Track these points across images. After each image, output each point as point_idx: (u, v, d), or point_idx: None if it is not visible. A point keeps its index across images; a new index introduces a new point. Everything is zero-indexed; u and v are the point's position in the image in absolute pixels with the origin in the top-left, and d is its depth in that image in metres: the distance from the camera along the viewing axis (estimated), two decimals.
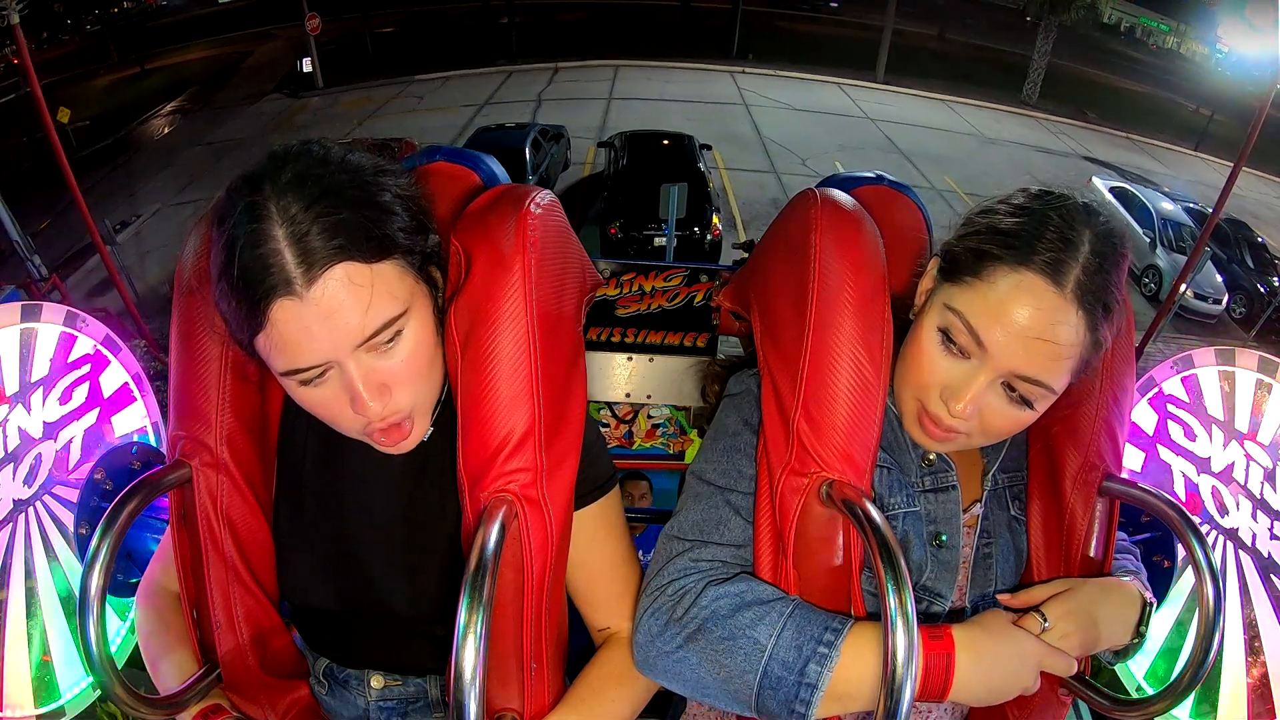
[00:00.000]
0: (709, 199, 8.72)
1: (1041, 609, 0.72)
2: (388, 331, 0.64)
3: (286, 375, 0.64)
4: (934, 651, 0.64)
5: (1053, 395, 0.69)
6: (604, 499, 0.80)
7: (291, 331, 0.60)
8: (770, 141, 13.33)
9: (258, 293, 0.59)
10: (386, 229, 0.63)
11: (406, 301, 0.65)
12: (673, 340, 1.24)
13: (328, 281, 0.60)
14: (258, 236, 0.59)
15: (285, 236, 0.59)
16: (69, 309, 1.31)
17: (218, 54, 20.13)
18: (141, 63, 19.49)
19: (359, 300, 0.61)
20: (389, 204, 0.64)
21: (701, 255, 8.50)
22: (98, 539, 0.66)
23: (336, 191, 0.61)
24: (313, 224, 0.59)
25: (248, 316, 0.61)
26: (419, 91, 15.73)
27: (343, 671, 0.84)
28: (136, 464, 1.20)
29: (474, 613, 0.57)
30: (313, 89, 15.85)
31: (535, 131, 10.37)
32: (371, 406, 0.64)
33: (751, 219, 10.31)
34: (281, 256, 0.59)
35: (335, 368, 0.63)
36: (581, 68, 17.23)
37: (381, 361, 0.65)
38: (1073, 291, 0.65)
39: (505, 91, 15.48)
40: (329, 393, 0.65)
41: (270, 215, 0.59)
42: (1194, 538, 0.73)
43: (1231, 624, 1.21)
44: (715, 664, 0.68)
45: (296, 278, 0.59)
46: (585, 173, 11.39)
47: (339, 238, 0.60)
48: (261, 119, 14.40)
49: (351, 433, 0.69)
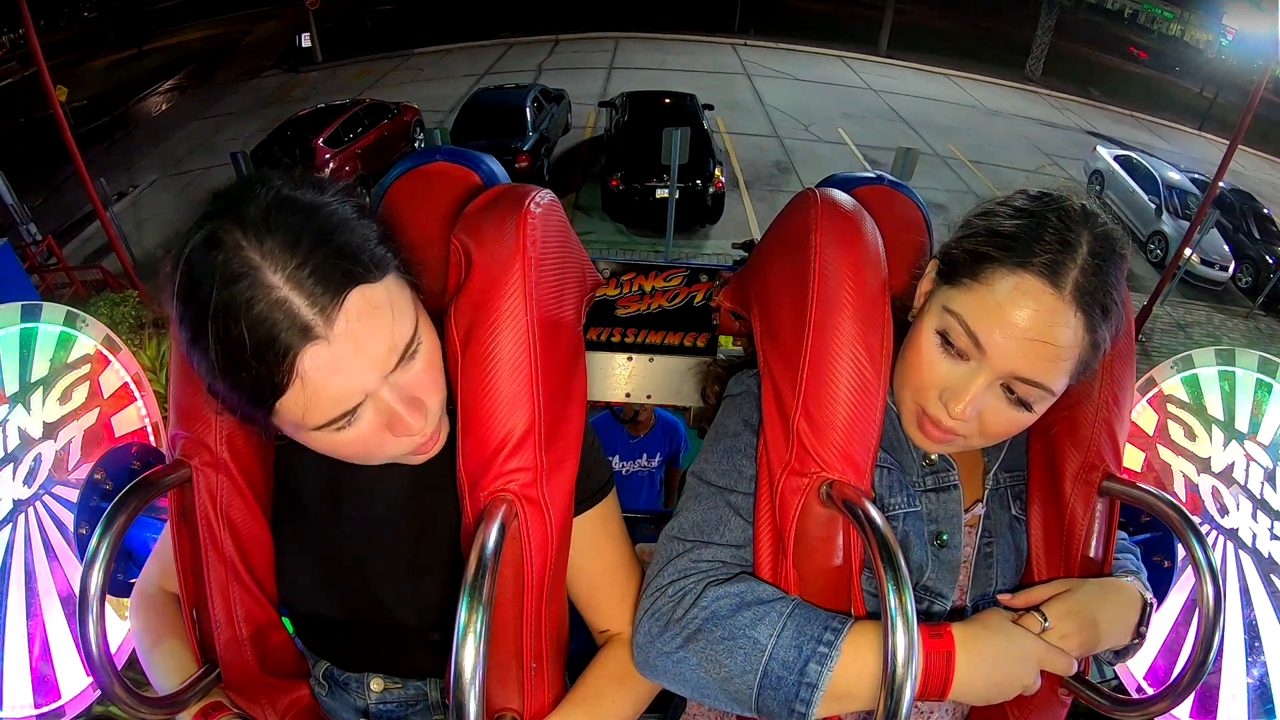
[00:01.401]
0: (711, 152, 8.65)
1: (1042, 609, 0.72)
2: (413, 345, 0.62)
3: (322, 428, 0.59)
4: (934, 650, 0.64)
5: (1051, 397, 0.69)
6: (601, 504, 0.80)
7: (324, 379, 0.56)
8: (773, 109, 13.33)
9: (275, 352, 0.53)
10: (373, 243, 0.59)
11: (415, 310, 0.64)
12: (673, 340, 1.24)
13: (348, 313, 0.55)
14: (252, 295, 0.52)
15: (285, 282, 0.53)
16: (69, 309, 1.31)
17: (216, 34, 20.11)
18: (140, 44, 19.45)
19: (383, 322, 0.58)
20: (363, 219, 0.60)
21: (704, 208, 8.44)
22: (97, 539, 0.65)
23: (313, 219, 0.56)
24: (308, 259, 0.53)
25: (265, 385, 0.55)
26: (418, 64, 15.69)
27: (342, 674, 0.84)
28: (136, 464, 1.20)
29: (474, 612, 0.57)
30: (311, 64, 15.76)
31: (536, 90, 10.31)
32: (414, 424, 0.62)
33: (754, 179, 10.34)
34: (290, 305, 0.53)
35: (367, 400, 0.60)
36: (582, 39, 17.22)
37: (408, 376, 0.63)
38: (1071, 293, 0.65)
39: (505, 63, 15.44)
40: (363, 429, 0.61)
41: (256, 266, 0.52)
42: (1194, 538, 0.73)
43: (1231, 624, 1.21)
44: (715, 664, 0.68)
45: (315, 321, 0.54)
46: (586, 136, 11.46)
47: (341, 264, 0.55)
48: (260, 93, 14.38)
49: (388, 460, 0.67)
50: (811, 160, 11.09)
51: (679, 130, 6.48)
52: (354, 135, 9.57)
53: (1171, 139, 16.06)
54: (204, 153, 11.24)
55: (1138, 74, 22.01)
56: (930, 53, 18.06)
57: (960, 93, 16.40)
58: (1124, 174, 10.56)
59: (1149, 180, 10.16)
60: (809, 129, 12.48)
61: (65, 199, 9.59)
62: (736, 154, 11.10)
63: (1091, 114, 16.75)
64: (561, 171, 10.23)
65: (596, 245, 8.33)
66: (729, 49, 17.50)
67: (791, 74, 15.85)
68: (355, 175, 9.20)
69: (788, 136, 12.08)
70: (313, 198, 0.58)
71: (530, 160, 8.96)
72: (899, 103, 14.64)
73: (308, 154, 8.81)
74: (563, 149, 10.90)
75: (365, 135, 9.72)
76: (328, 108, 10.23)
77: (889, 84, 15.92)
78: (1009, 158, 12.31)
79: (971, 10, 23.83)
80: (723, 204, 8.71)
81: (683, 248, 8.38)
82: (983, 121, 14.48)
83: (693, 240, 8.68)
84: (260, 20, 20.94)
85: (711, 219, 8.71)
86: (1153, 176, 10.15)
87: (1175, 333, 8.42)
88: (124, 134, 12.95)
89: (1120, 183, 10.55)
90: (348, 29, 17.46)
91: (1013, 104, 16.19)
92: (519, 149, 8.86)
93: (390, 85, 14.09)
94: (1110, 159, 10.97)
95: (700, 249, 8.58)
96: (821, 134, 12.29)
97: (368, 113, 10.10)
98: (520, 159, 8.81)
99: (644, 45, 17.01)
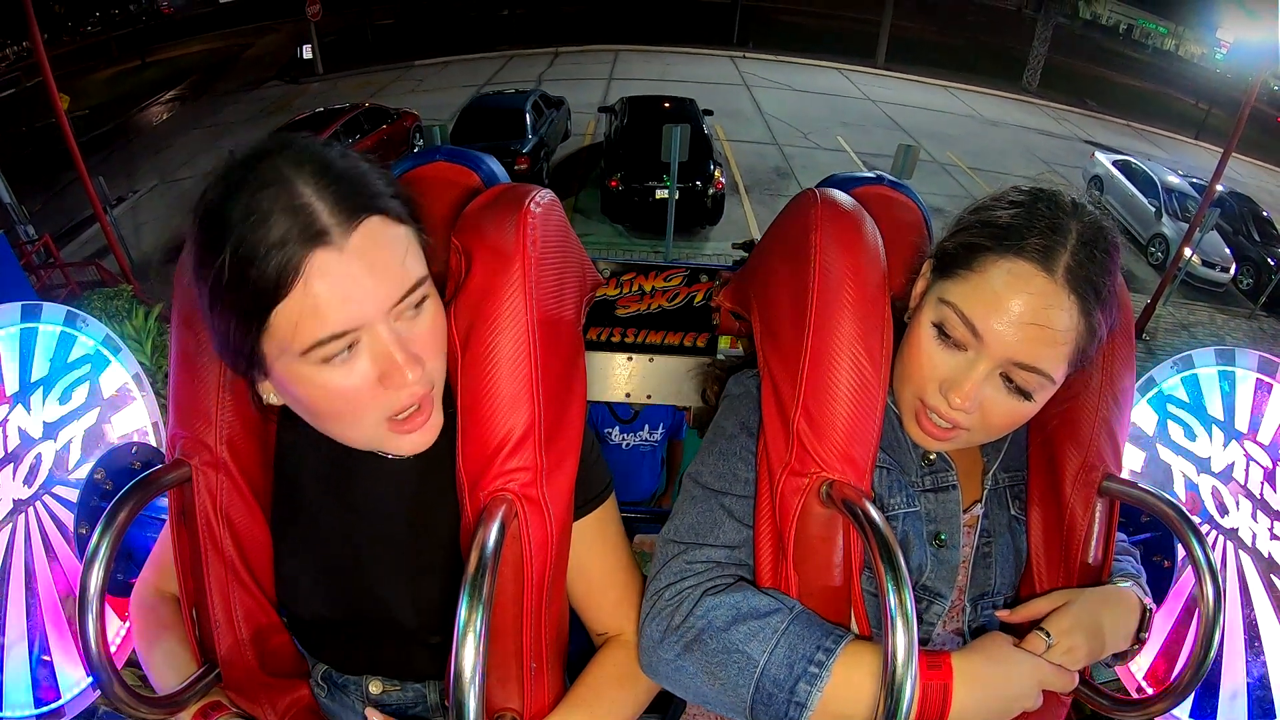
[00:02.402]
0: (711, 153, 8.63)
1: (1044, 626, 0.72)
2: (418, 292, 0.62)
3: (314, 348, 0.58)
4: (931, 681, 0.64)
5: (1051, 385, 0.70)
6: (600, 509, 0.80)
7: (329, 287, 0.56)
8: (771, 118, 13.38)
9: (286, 249, 0.54)
10: (397, 196, 0.62)
11: (425, 268, 0.64)
12: (673, 340, 1.24)
13: (363, 233, 0.57)
14: (279, 195, 0.55)
15: (312, 191, 0.56)
16: (69, 309, 1.31)
17: (218, 47, 20.23)
18: (143, 56, 19.58)
19: (396, 252, 0.60)
20: (391, 183, 0.63)
21: (704, 210, 8.41)
22: (97, 538, 0.65)
23: (347, 158, 0.60)
24: (337, 180, 0.57)
25: (269, 286, 0.55)
26: (418, 75, 15.77)
27: (341, 676, 0.84)
28: (136, 464, 1.20)
29: (474, 612, 0.57)
30: (312, 75, 15.82)
31: (536, 95, 10.31)
32: (410, 376, 0.61)
33: (754, 184, 10.34)
34: (311, 209, 0.55)
35: (364, 338, 0.60)
36: (582, 52, 17.30)
37: (410, 330, 0.63)
38: (1063, 276, 0.66)
39: (505, 74, 15.49)
40: (355, 371, 0.60)
41: (288, 176, 0.56)
42: (1194, 538, 0.73)
43: (1231, 624, 1.21)
44: (711, 675, 0.69)
45: (331, 227, 0.56)
46: (586, 142, 11.52)
47: (366, 190, 0.58)
48: (260, 103, 14.41)
49: (370, 428, 0.65)
50: (811, 166, 11.10)
51: (679, 126, 6.44)
52: (351, 139, 9.53)
53: (1168, 148, 16.10)
54: (203, 161, 11.25)
55: (1133, 86, 22.10)
56: (927, 65, 18.14)
57: (958, 103, 16.45)
58: (1123, 178, 10.54)
59: (1148, 184, 10.14)
60: (808, 136, 12.52)
61: (66, 203, 9.62)
62: (736, 160, 11.12)
63: (1088, 124, 16.80)
64: (561, 176, 10.26)
65: (596, 247, 8.30)
66: (727, 61, 17.56)
67: (789, 84, 15.91)
68: None
69: (787, 144, 12.11)
70: (344, 150, 0.61)
71: (529, 163, 8.96)
72: (897, 112, 14.68)
73: None
74: (562, 155, 10.93)
75: (363, 139, 9.70)
76: (326, 111, 10.22)
77: (886, 94, 15.98)
78: (1008, 165, 12.32)
79: (967, 26, 23.99)
80: (723, 205, 8.68)
81: (683, 249, 8.36)
82: (981, 130, 14.53)
83: (693, 241, 8.67)
84: (263, 34, 21.06)
85: (711, 220, 8.69)
86: (1152, 180, 10.13)
87: (1179, 332, 8.41)
88: (124, 142, 13.00)
89: (1119, 187, 10.53)
90: (349, 43, 17.56)
91: (1010, 114, 16.23)
92: (519, 151, 8.87)
93: (390, 96, 14.16)
94: (1109, 164, 10.93)
95: (700, 250, 8.56)
96: (820, 141, 12.31)
97: (367, 117, 10.08)
98: (520, 161, 8.81)
99: (643, 57, 17.06)
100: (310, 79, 15.75)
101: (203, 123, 13.53)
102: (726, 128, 12.08)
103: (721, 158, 9.97)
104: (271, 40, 20.04)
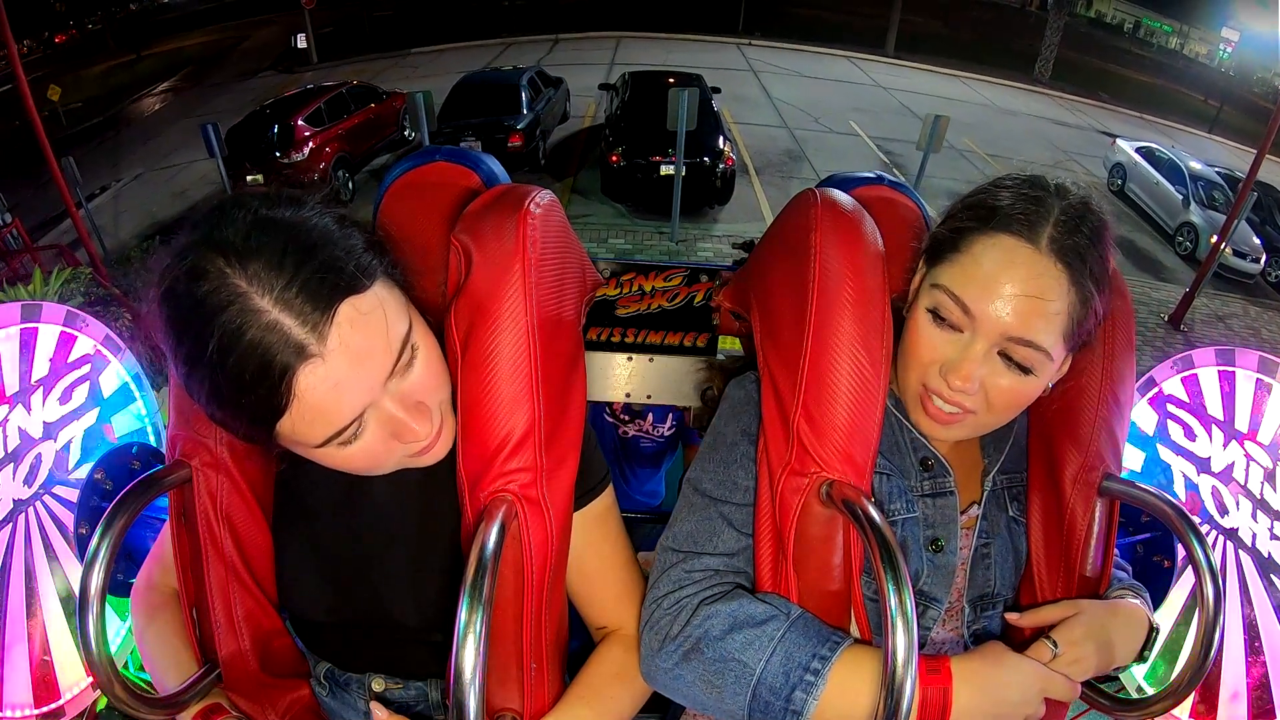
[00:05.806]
0: (720, 126, 8.04)
1: (1053, 635, 0.72)
2: (408, 349, 0.62)
3: (324, 444, 0.59)
4: (931, 685, 0.64)
5: (1050, 362, 0.70)
6: (597, 500, 0.80)
7: (322, 395, 0.56)
8: (781, 103, 13.18)
9: (272, 376, 0.53)
10: (358, 252, 0.59)
11: (408, 311, 0.64)
12: (673, 340, 1.24)
13: (340, 326, 0.55)
14: (242, 322, 0.52)
15: (273, 305, 0.53)
16: (69, 309, 1.31)
17: (214, 40, 20.22)
18: (138, 50, 19.56)
19: (376, 329, 0.58)
20: (345, 229, 0.60)
21: (712, 188, 7.77)
22: (97, 538, 0.66)
23: (295, 237, 0.55)
24: (294, 278, 0.53)
25: (265, 409, 0.55)
26: (414, 62, 15.58)
27: (343, 674, 0.84)
28: (136, 464, 1.20)
29: (474, 612, 0.57)
30: (307, 64, 15.67)
31: (533, 72, 9.79)
32: (419, 429, 0.63)
33: (764, 165, 10.08)
34: (281, 326, 0.53)
35: (369, 413, 0.60)
36: (582, 39, 17.11)
37: (408, 382, 0.63)
38: (1048, 246, 0.68)
39: (503, 61, 15.21)
40: (368, 440, 0.61)
41: (243, 293, 0.52)
42: (1194, 538, 0.73)
43: (1231, 624, 1.21)
44: (709, 684, 0.69)
45: (308, 339, 0.54)
46: (585, 124, 11.31)
47: (328, 278, 0.55)
48: (252, 93, 14.22)
49: (392, 467, 0.67)
50: (824, 149, 10.86)
51: (686, 90, 6.01)
52: (338, 116, 9.16)
53: (1184, 141, 15.88)
54: (190, 148, 11.03)
55: (1143, 81, 22.03)
56: (937, 56, 18.05)
57: (971, 92, 16.32)
58: (1147, 165, 10.12)
59: (1174, 171, 9.71)
60: (819, 121, 12.31)
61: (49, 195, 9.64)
62: (746, 143, 10.82)
63: (1102, 115, 16.65)
64: (559, 157, 9.94)
65: (596, 229, 7.87)
66: (733, 48, 17.40)
67: (798, 71, 15.74)
68: (335, 156, 8.79)
69: (797, 127, 11.90)
70: (291, 215, 0.57)
71: (524, 140, 8.43)
72: (910, 99, 14.51)
73: (286, 132, 8.42)
74: (561, 136, 10.69)
75: (350, 117, 9.33)
76: (315, 88, 9.86)
77: (898, 82, 15.82)
78: (1025, 152, 12.09)
79: (974, 22, 23.95)
80: (733, 184, 7.97)
81: (690, 230, 7.88)
82: (996, 119, 14.37)
83: (701, 223, 8.05)
84: (259, 27, 21.04)
85: (721, 200, 7.99)
86: (1178, 167, 9.69)
87: (1215, 324, 8.06)
88: (114, 133, 12.96)
89: (1143, 174, 10.11)
90: (347, 34, 17.50)
91: (1024, 104, 16.10)
92: (512, 127, 8.35)
93: (385, 82, 14.00)
94: (1131, 151, 10.56)
95: (709, 232, 7.99)
96: (832, 125, 12.12)
97: (353, 95, 9.68)
98: (514, 138, 8.30)
99: (645, 44, 16.89)
100: (305, 68, 15.58)
101: (193, 112, 13.38)
102: (734, 111, 11.84)
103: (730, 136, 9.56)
104: (268, 32, 19.96)
